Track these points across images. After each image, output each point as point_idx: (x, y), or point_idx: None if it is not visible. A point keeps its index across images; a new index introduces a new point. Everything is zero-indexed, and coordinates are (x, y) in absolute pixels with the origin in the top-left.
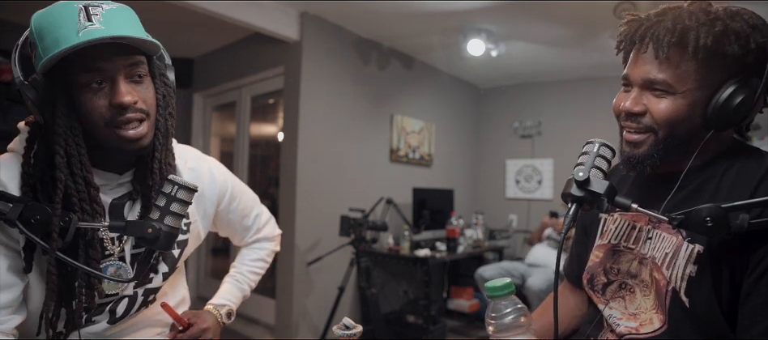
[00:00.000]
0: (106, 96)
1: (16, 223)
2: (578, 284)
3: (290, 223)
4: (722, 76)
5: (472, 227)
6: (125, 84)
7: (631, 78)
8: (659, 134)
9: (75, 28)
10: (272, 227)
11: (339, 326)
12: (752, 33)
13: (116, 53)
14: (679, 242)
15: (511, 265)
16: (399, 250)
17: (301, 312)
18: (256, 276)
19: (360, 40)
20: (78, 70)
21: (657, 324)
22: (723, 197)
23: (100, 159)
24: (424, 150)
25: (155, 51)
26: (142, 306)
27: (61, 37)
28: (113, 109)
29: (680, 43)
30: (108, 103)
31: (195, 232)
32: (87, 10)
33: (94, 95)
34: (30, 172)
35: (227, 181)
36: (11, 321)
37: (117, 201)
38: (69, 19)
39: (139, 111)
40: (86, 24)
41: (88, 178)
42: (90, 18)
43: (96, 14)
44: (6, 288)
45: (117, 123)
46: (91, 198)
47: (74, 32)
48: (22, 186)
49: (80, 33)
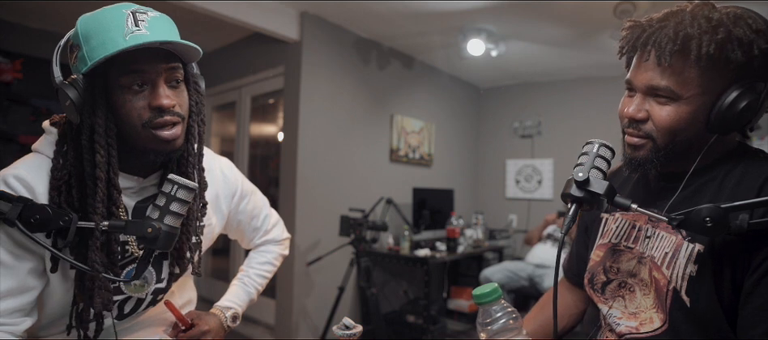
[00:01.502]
0: (145, 98)
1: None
2: (575, 282)
3: (290, 223)
4: (725, 82)
5: (472, 227)
6: (164, 88)
7: (634, 85)
8: (657, 142)
9: (123, 32)
10: (281, 230)
11: (339, 326)
12: (755, 39)
13: (157, 58)
14: (679, 242)
15: (516, 266)
16: (399, 250)
17: (301, 312)
18: (264, 280)
19: (360, 40)
20: (120, 72)
21: (657, 323)
22: (725, 198)
23: (126, 163)
24: (424, 150)
25: (196, 57)
26: (149, 304)
27: (108, 41)
28: (152, 111)
29: (682, 51)
30: (147, 104)
31: (210, 235)
32: (134, 16)
33: (134, 97)
34: (59, 173)
35: (238, 181)
36: (23, 324)
37: (141, 204)
38: (117, 23)
39: (176, 114)
40: (133, 29)
41: (113, 180)
42: (137, 23)
43: (142, 20)
44: (24, 291)
45: (155, 124)
46: (112, 200)
47: (121, 36)
48: (51, 189)
49: (128, 37)
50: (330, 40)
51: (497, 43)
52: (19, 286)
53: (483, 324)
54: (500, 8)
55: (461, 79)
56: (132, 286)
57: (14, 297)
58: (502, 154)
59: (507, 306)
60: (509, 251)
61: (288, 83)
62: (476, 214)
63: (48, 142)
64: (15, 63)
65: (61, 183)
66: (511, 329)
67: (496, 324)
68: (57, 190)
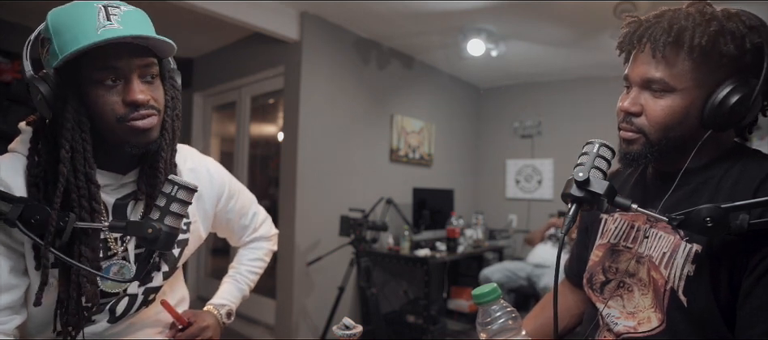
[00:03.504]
0: (119, 94)
1: (16, 223)
2: (576, 283)
3: (290, 223)
4: (719, 76)
5: (472, 226)
6: (138, 83)
7: (630, 78)
8: (650, 137)
9: (94, 26)
10: (269, 226)
11: (339, 326)
12: (748, 33)
13: (131, 53)
14: (677, 241)
15: (516, 266)
16: (399, 250)
17: (301, 312)
18: (255, 276)
19: (360, 40)
20: (93, 67)
21: (655, 322)
22: (723, 198)
23: (104, 159)
24: (424, 150)
25: (170, 52)
26: (142, 305)
27: (80, 34)
28: (127, 107)
29: (676, 42)
30: (121, 100)
31: (196, 233)
32: (106, 10)
33: (107, 92)
34: (35, 170)
35: (225, 181)
36: (12, 322)
37: (121, 201)
38: (88, 17)
39: (151, 107)
40: (105, 23)
41: (90, 175)
42: (109, 17)
43: (114, 15)
44: (8, 290)
45: (130, 119)
46: (91, 196)
47: (93, 30)
48: (28, 186)
49: (99, 31)
50: (330, 40)
51: (497, 43)
52: (5, 283)
53: (482, 324)
54: (500, 8)
55: (461, 79)
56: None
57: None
58: (502, 154)
59: (506, 306)
60: (509, 251)
61: (288, 83)
62: (476, 214)
63: (23, 140)
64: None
65: (37, 180)
66: (511, 328)
67: (495, 324)
68: (35, 187)
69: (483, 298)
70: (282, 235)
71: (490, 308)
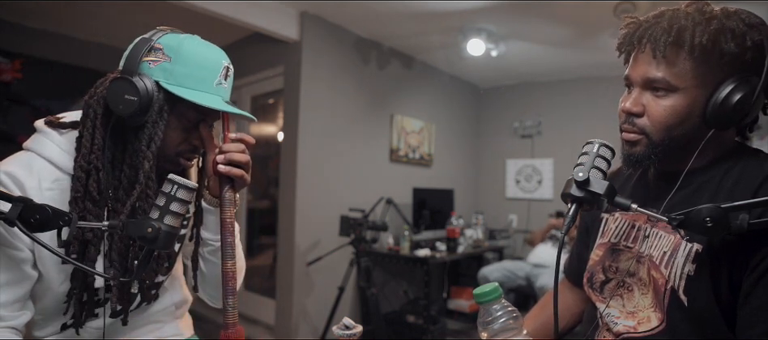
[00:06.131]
0: (189, 132)
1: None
2: (576, 282)
3: (290, 223)
4: (720, 74)
5: (472, 226)
6: (207, 132)
7: (631, 79)
8: (653, 138)
9: (215, 80)
10: None
11: (339, 326)
12: (748, 31)
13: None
14: (677, 241)
15: (514, 266)
16: (399, 250)
17: (301, 312)
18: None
19: (360, 40)
20: (190, 106)
21: (655, 322)
22: (724, 197)
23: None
24: (424, 150)
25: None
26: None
27: (202, 82)
28: (190, 147)
29: (676, 42)
30: (186, 138)
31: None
32: (227, 70)
33: (183, 128)
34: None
35: None
36: (23, 316)
37: None
38: (215, 68)
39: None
40: (222, 81)
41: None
42: (226, 77)
43: (228, 76)
44: (17, 283)
45: (184, 156)
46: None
47: (211, 83)
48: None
49: (216, 86)
50: (330, 40)
51: (497, 43)
52: (15, 276)
53: (483, 323)
54: (500, 8)
55: (461, 79)
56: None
57: (11, 287)
58: (502, 154)
59: (507, 305)
60: (509, 251)
61: (288, 83)
62: (476, 214)
63: (40, 141)
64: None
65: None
66: (511, 328)
67: (496, 323)
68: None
69: (484, 297)
70: (282, 235)
71: (491, 307)
